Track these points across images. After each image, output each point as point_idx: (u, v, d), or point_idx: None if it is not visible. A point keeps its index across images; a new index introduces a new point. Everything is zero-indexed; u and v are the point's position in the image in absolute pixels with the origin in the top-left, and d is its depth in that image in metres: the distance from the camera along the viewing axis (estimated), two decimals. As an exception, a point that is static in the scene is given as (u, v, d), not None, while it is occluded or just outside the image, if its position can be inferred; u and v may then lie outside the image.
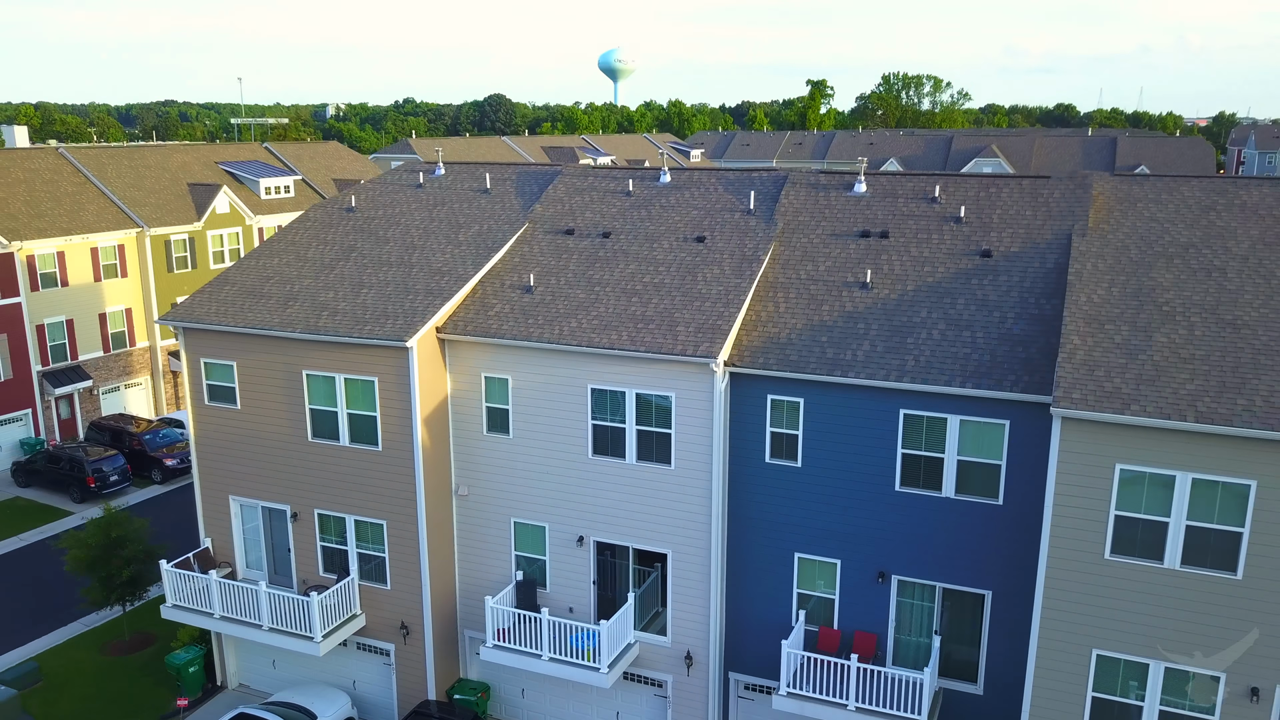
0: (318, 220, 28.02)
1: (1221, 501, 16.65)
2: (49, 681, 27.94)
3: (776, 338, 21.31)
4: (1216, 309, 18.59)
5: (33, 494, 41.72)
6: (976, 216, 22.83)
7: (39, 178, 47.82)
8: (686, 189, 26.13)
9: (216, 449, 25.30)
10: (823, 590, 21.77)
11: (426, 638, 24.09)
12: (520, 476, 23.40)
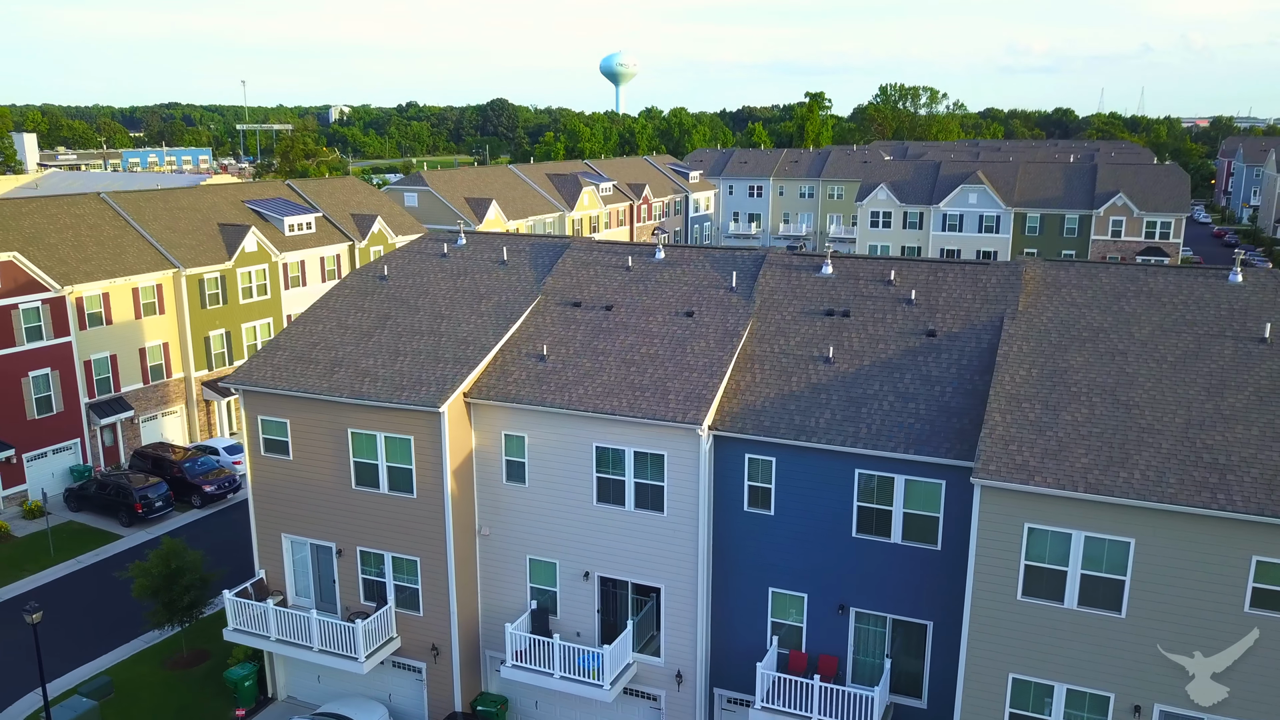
0: (355, 288, 31.88)
1: (1108, 555, 20.50)
2: (120, 693, 31.81)
3: (753, 405, 25.15)
4: (1114, 390, 22.42)
5: (84, 518, 45.59)
6: (925, 299, 26.68)
7: (84, 223, 51.72)
8: (678, 265, 29.98)
9: (271, 493, 29.16)
10: (793, 619, 25.61)
11: (454, 657, 27.96)
12: (535, 520, 27.25)
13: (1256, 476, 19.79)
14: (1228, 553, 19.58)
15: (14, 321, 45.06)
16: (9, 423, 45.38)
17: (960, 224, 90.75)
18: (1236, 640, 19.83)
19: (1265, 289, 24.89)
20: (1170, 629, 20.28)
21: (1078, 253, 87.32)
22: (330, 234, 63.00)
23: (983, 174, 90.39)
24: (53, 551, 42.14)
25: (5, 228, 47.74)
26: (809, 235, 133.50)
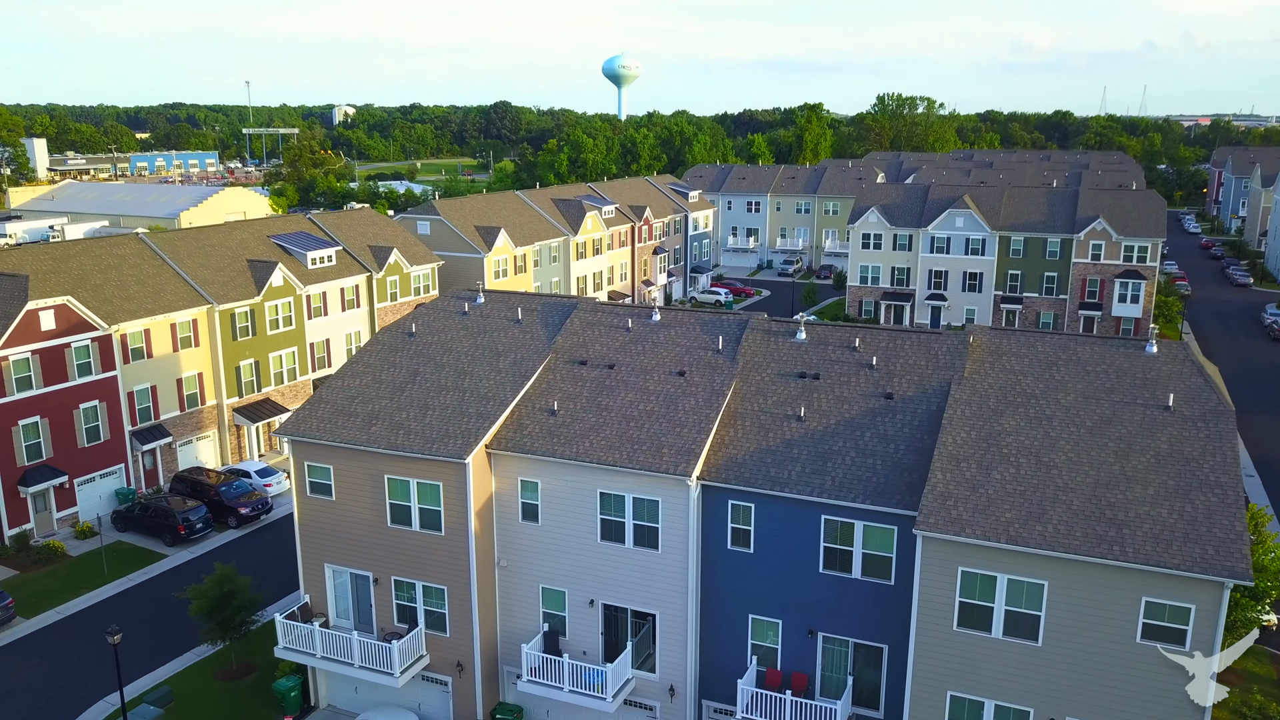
0: (386, 344, 36.01)
1: (1027, 594, 24.61)
2: (179, 702, 35.98)
3: (735, 458, 29.27)
4: (1038, 452, 26.52)
5: (131, 538, 49.75)
6: (884, 364, 30.78)
7: (126, 263, 55.85)
8: (672, 327, 34.10)
9: (315, 528, 33.31)
10: (769, 642, 29.73)
11: (476, 672, 32.12)
12: (547, 554, 31.39)
13: (1147, 531, 23.89)
14: (1122, 594, 23.69)
15: (67, 359, 49.23)
16: (62, 451, 49.56)
17: (948, 246, 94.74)
18: (1134, 669, 23.91)
19: (1175, 360, 28.97)
20: (1077, 655, 24.38)
21: (1059, 274, 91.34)
22: (350, 265, 67.14)
23: (969, 198, 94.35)
24: (105, 570, 46.33)
25: (57, 270, 51.90)
26: (805, 250, 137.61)
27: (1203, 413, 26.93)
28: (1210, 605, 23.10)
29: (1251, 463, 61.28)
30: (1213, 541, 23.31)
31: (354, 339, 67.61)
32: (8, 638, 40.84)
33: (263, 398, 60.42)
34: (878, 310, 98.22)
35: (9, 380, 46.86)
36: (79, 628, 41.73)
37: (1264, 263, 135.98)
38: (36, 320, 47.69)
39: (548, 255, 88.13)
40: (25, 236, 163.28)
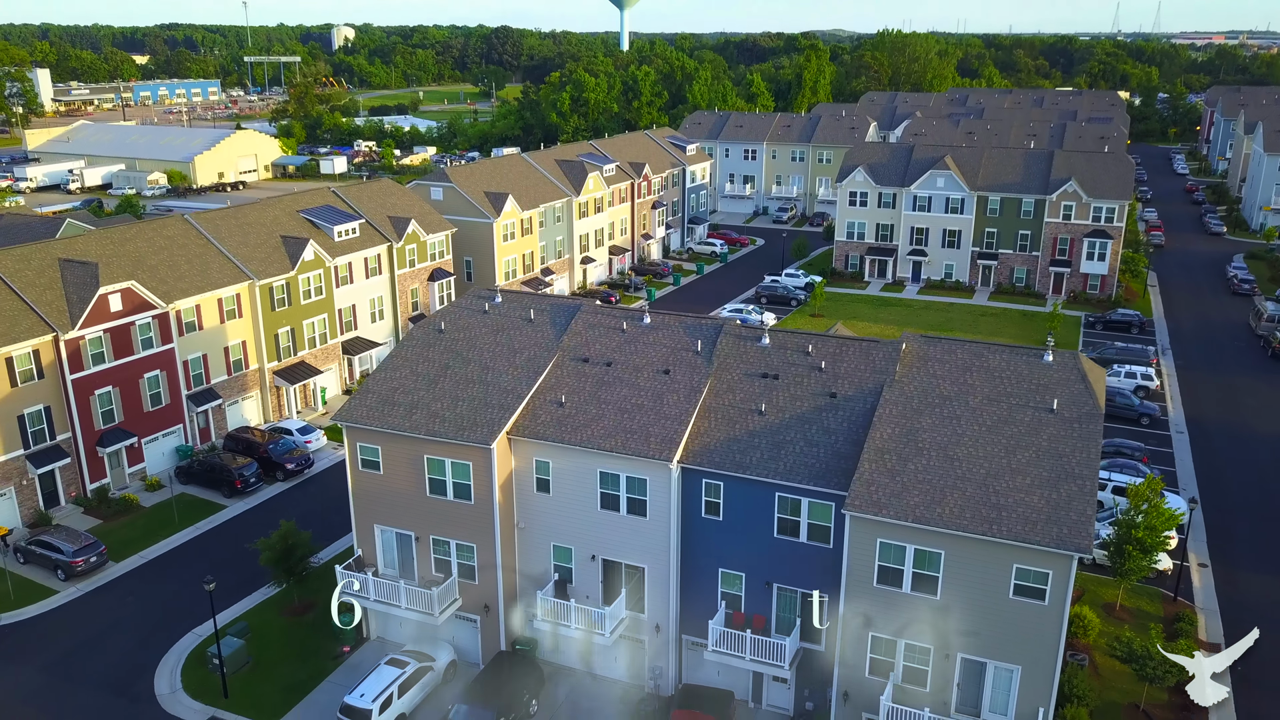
0: (420, 339, 42.76)
1: (928, 560, 31.86)
2: (253, 633, 43.70)
3: (708, 445, 36.30)
4: (946, 447, 33.50)
5: (193, 490, 57.17)
6: (831, 367, 37.59)
7: (175, 243, 62.22)
8: (660, 330, 40.81)
9: (366, 496, 40.56)
10: (735, 590, 37.16)
11: (500, 612, 39.71)
12: (556, 519, 38.66)
13: (1021, 514, 31.01)
14: (999, 562, 30.91)
15: (133, 335, 56.07)
16: (131, 415, 56.76)
17: (929, 205, 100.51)
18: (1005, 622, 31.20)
19: (1065, 368, 35.76)
20: (965, 607, 31.72)
21: (1032, 233, 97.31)
22: (372, 236, 73.46)
23: (950, 159, 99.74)
24: (176, 519, 53.90)
25: (118, 255, 58.37)
26: (799, 197, 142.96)
27: (1078, 415, 33.84)
28: (1063, 571, 30.32)
29: (1184, 419, 68.24)
30: (1068, 523, 30.44)
31: (377, 304, 74.33)
32: (103, 579, 48.56)
33: (298, 361, 67.41)
34: (863, 264, 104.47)
35: (86, 356, 53.79)
36: (161, 570, 49.45)
37: (1240, 210, 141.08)
38: (107, 303, 54.41)
39: (552, 216, 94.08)
40: (45, 180, 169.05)
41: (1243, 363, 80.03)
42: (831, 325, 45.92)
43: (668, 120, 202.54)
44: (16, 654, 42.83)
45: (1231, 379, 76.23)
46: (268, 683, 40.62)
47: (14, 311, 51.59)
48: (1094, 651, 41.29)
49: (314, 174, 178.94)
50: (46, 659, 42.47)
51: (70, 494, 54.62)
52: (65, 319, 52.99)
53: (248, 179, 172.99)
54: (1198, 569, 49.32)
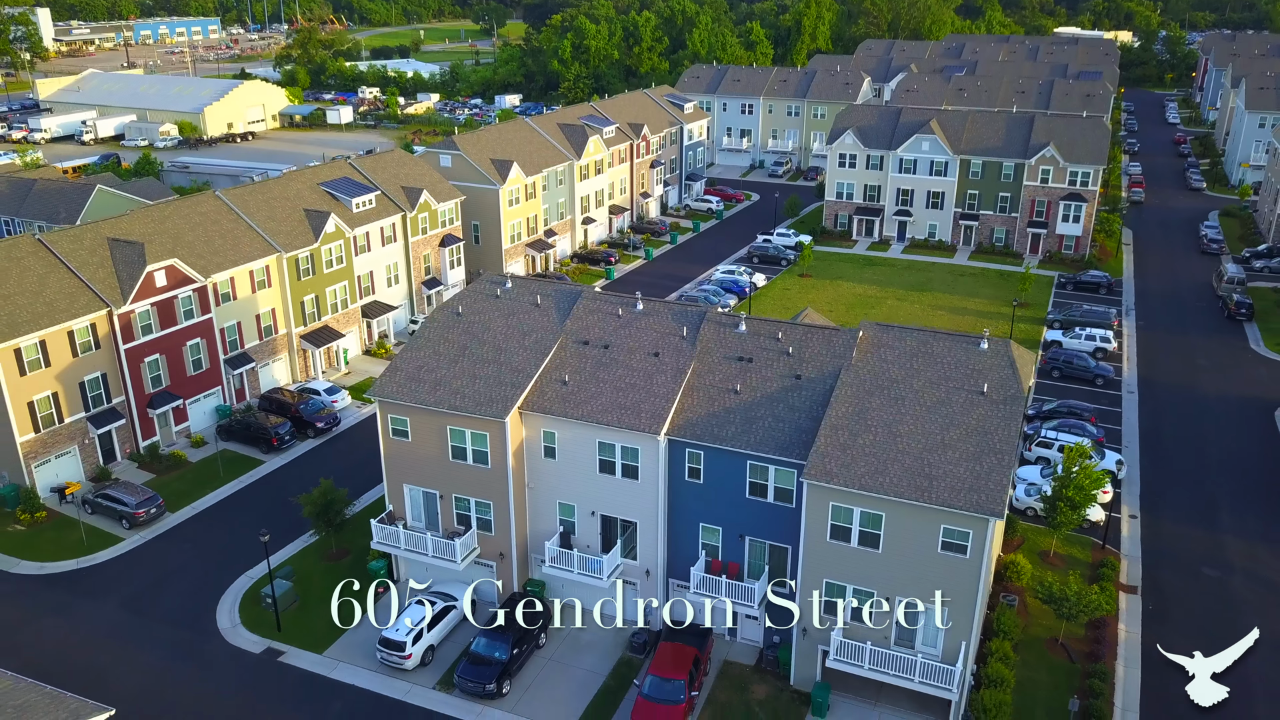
0: (441, 321, 48.59)
1: (872, 520, 38.14)
2: (298, 576, 50.33)
3: (690, 420, 42.37)
4: (891, 425, 39.55)
5: (234, 446, 63.46)
6: (798, 352, 43.48)
7: (209, 219, 67.62)
8: (651, 316, 46.61)
9: (396, 459, 46.81)
10: (713, 541, 43.57)
11: (513, 559, 46.25)
12: (561, 480, 44.93)
13: (949, 483, 37.16)
14: (929, 523, 37.16)
15: (176, 307, 61.91)
16: (176, 379, 62.89)
17: (915, 167, 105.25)
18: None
19: (998, 354, 41.63)
20: (901, 559, 38.06)
21: (1012, 195, 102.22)
22: (387, 207, 78.78)
23: (935, 123, 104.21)
24: (221, 474, 60.34)
25: (159, 232, 63.88)
26: (795, 151, 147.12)
27: (1004, 397, 39.82)
28: (981, 531, 36.56)
29: (1136, 380, 74.20)
30: (986, 491, 36.60)
31: (392, 269, 79.94)
32: (161, 528, 55.14)
33: (322, 325, 73.30)
34: (851, 223, 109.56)
35: (136, 328, 59.73)
36: (212, 519, 56.02)
37: (1223, 164, 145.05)
38: (153, 280, 60.15)
39: (554, 179, 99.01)
40: (59, 130, 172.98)
41: (1201, 324, 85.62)
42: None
43: (668, 66, 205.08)
44: (95, 592, 49.58)
45: (1188, 339, 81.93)
46: (314, 618, 47.35)
47: (73, 289, 57.38)
48: (1025, 593, 47.85)
49: (321, 123, 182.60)
50: (122, 597, 49.22)
51: (125, 451, 61.00)
52: (117, 295, 58.78)
53: (256, 129, 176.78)
54: (1128, 520, 55.74)
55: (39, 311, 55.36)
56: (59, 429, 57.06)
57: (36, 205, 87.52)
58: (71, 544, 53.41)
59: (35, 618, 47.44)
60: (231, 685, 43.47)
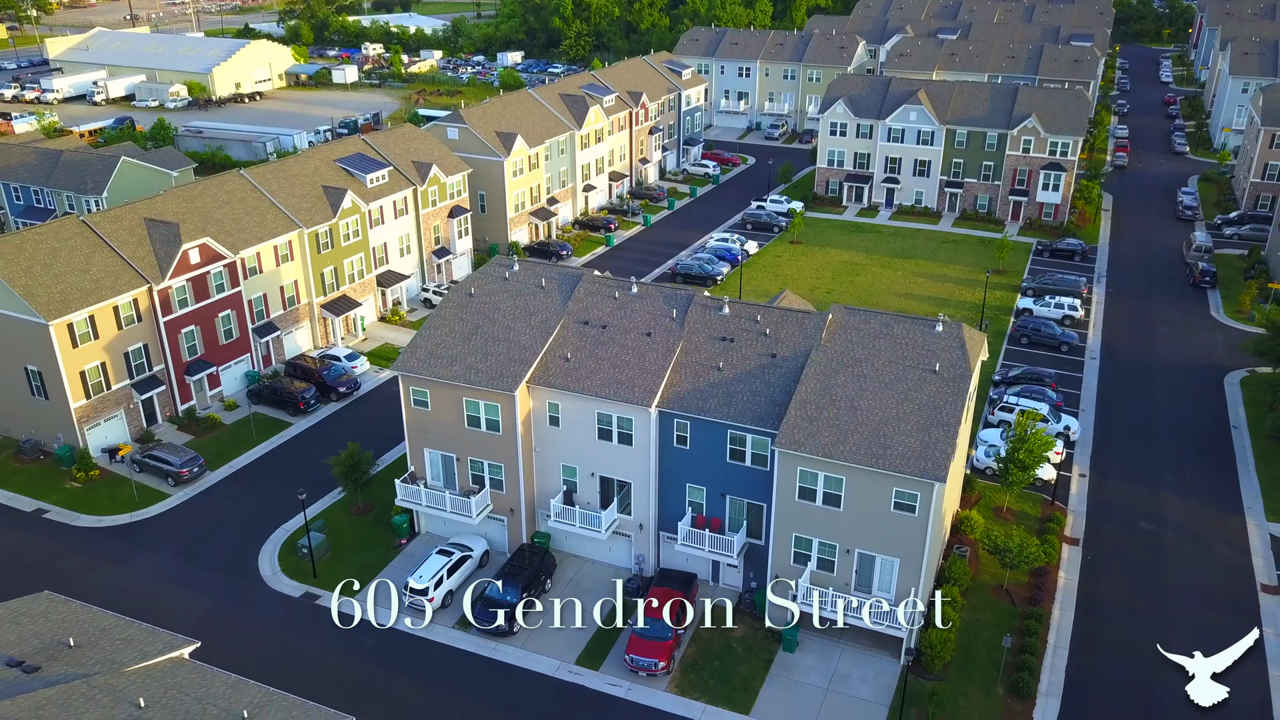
0: (455, 302, 53.93)
1: (834, 483, 43.89)
2: (330, 528, 56.31)
3: (678, 394, 47.94)
4: (853, 399, 45.10)
5: (263, 409, 69.09)
6: (775, 333, 48.88)
7: (235, 197, 72.59)
8: (645, 299, 51.92)
9: (418, 426, 52.49)
10: (698, 499, 49.38)
11: (522, 514, 52.18)
12: (564, 446, 50.64)
13: (900, 452, 42.79)
14: (883, 486, 42.87)
15: (209, 281, 67.21)
16: (210, 348, 68.43)
17: (903, 136, 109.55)
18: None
19: (950, 336, 47.01)
20: (859, 516, 43.85)
21: (995, 164, 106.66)
22: (399, 181, 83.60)
23: (923, 94, 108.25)
24: (254, 435, 66.15)
25: (191, 211, 68.92)
26: (790, 114, 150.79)
27: (953, 375, 45.30)
28: (928, 493, 42.28)
29: (1099, 346, 79.55)
30: (932, 459, 42.25)
31: (404, 240, 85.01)
32: (203, 486, 61.06)
33: (340, 295, 78.62)
34: (842, 190, 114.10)
35: (174, 301, 65.12)
36: (249, 477, 61.92)
37: (1208, 128, 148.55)
38: (188, 257, 65.40)
39: (556, 149, 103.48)
40: (71, 91, 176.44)
41: (1167, 291, 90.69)
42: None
43: (668, 22, 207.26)
44: (149, 543, 55.65)
45: (1153, 306, 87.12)
46: (345, 566, 53.41)
47: (116, 268, 62.67)
48: (977, 545, 53.79)
49: (326, 82, 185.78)
50: (174, 547, 55.30)
51: (165, 414, 66.77)
52: (156, 272, 64.07)
53: (263, 89, 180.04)
54: (1077, 478, 61.55)
55: (87, 289, 60.69)
56: (107, 395, 62.72)
57: (64, 176, 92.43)
58: (124, 500, 59.36)
59: (99, 565, 53.56)
60: (276, 625, 49.67)
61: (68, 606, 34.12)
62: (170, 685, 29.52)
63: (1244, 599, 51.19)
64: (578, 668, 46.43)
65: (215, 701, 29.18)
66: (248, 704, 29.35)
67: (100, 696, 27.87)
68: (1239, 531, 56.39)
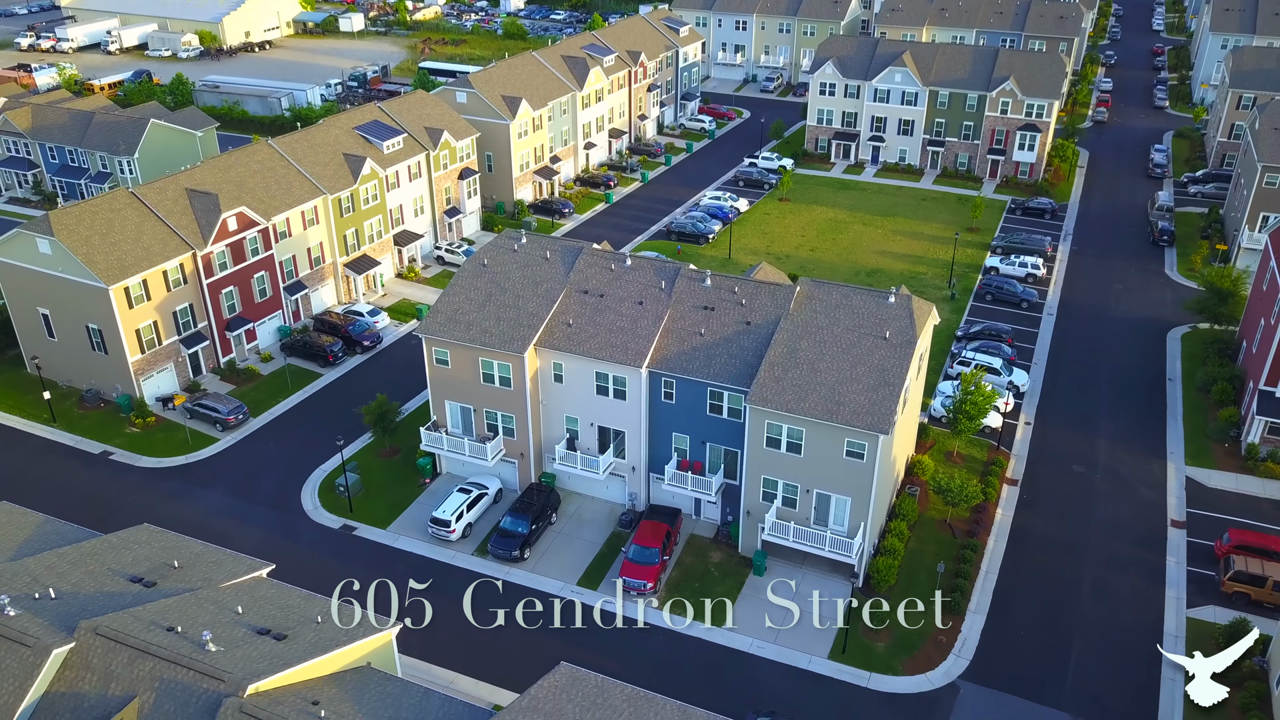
0: (470, 271, 61.15)
1: (795, 433, 51.67)
2: (361, 469, 64.31)
3: (666, 356, 55.44)
4: (814, 363, 52.60)
5: (296, 361, 76.69)
6: (750, 303, 56.14)
7: (265, 166, 79.27)
8: (638, 270, 59.10)
9: (439, 382, 60.15)
10: (683, 446, 57.22)
11: (531, 458, 60.14)
12: (568, 399, 58.32)
13: (851, 408, 50.40)
14: (836, 437, 50.59)
15: (245, 246, 74.32)
16: (247, 306, 75.82)
17: (888, 97, 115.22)
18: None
19: (900, 308, 54.29)
20: (818, 461, 51.64)
21: (975, 124, 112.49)
22: (413, 147, 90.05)
23: (908, 56, 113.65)
24: (289, 384, 73.87)
25: (227, 181, 75.70)
26: (785, 67, 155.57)
27: (900, 341, 52.70)
28: (874, 444, 49.99)
29: (1057, 303, 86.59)
30: (878, 415, 49.86)
31: (419, 202, 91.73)
32: (246, 431, 68.94)
33: (361, 255, 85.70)
34: (830, 147, 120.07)
35: (215, 265, 72.32)
36: (287, 423, 69.80)
37: (1189, 81, 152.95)
38: (226, 225, 72.41)
39: (559, 110, 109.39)
40: (85, 40, 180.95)
41: (1128, 249, 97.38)
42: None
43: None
44: (205, 482, 63.74)
45: (1111, 264, 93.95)
46: (377, 503, 61.53)
47: (164, 235, 69.76)
48: (926, 485, 61.73)
49: (333, 30, 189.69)
50: (226, 486, 63.39)
51: (209, 366, 74.44)
52: (199, 239, 71.15)
53: (271, 37, 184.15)
54: (1023, 426, 69.28)
55: (140, 256, 67.88)
56: (159, 350, 70.32)
57: (97, 137, 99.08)
58: (179, 443, 67.32)
59: (164, 501, 61.69)
60: (319, 552, 57.87)
61: (165, 536, 42.09)
62: (258, 597, 37.57)
63: (1155, 532, 59.24)
64: (579, 588, 54.75)
65: (294, 610, 37.23)
66: (319, 611, 37.42)
67: (208, 605, 35.87)
68: (1159, 474, 64.27)
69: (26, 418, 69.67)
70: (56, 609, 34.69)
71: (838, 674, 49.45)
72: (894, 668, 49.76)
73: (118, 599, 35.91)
